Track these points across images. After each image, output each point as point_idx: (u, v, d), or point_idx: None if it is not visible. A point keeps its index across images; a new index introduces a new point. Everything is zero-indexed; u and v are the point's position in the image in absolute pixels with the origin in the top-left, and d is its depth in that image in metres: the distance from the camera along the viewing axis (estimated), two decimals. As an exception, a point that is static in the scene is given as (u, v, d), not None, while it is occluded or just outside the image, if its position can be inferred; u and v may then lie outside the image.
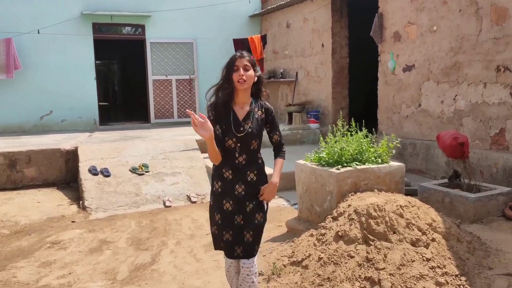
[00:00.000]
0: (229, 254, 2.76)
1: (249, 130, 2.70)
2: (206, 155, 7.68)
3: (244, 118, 2.73)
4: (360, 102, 10.12)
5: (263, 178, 2.82)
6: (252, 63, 2.71)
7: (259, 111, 2.77)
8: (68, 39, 9.99)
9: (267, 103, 2.83)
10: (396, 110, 7.23)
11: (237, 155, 2.72)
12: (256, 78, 2.75)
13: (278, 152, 2.87)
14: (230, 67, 2.69)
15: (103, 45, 11.74)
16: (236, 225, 2.72)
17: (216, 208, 2.78)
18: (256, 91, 2.80)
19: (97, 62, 10.72)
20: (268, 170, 2.86)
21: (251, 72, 2.69)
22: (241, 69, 2.66)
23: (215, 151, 2.62)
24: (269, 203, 2.90)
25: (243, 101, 2.75)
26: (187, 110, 2.66)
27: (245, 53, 2.73)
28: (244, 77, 2.65)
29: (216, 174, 2.80)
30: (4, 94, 9.71)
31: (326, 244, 3.44)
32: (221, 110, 2.71)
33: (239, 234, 2.72)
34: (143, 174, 6.55)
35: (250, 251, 2.71)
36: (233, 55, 2.74)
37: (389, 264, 3.21)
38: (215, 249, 2.86)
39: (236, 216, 2.73)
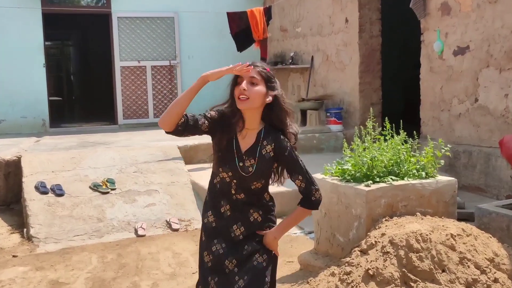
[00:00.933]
0: None
1: (250, 169, 2.65)
2: (191, 166, 7.78)
3: (247, 152, 2.67)
4: (397, 96, 10.14)
5: (271, 219, 2.79)
6: (266, 77, 2.65)
7: (268, 146, 2.67)
8: (8, 13, 10.04)
9: (281, 137, 2.68)
10: (445, 106, 7.23)
11: (233, 192, 2.70)
12: (270, 98, 2.65)
13: (304, 199, 2.72)
14: (234, 79, 2.65)
15: (56, 21, 11.80)
16: (225, 272, 2.68)
17: (206, 247, 2.76)
18: (268, 116, 2.70)
19: (47, 43, 10.79)
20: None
21: (259, 88, 2.61)
22: (245, 81, 2.59)
23: (182, 104, 2.58)
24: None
25: (247, 126, 2.69)
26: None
27: (258, 63, 2.67)
28: (246, 93, 2.57)
29: (211, 204, 2.78)
30: None
31: (352, 286, 3.44)
32: (225, 128, 2.67)
33: (226, 282, 2.65)
34: (107, 192, 6.55)
35: None
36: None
37: (436, 313, 3.20)
38: None
39: (227, 260, 2.67)
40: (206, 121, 2.66)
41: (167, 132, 2.64)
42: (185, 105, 2.60)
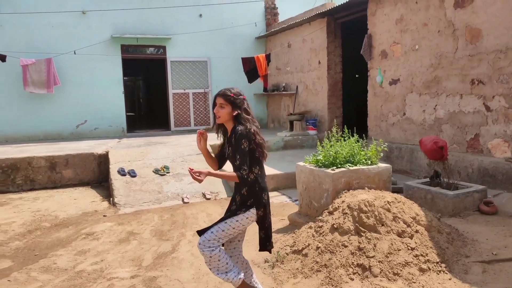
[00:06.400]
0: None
1: (229, 153, 2.64)
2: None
3: (228, 144, 2.68)
4: (352, 111, 10.08)
5: (253, 195, 2.65)
6: (230, 101, 2.60)
7: (233, 136, 2.60)
8: (100, 58, 10.09)
9: (240, 128, 2.55)
10: (384, 118, 7.21)
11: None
12: (236, 112, 2.60)
13: (236, 171, 2.51)
14: (213, 104, 2.70)
15: (130, 63, 11.82)
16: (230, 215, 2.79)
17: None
18: (238, 120, 2.63)
19: (124, 78, 10.80)
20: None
21: (226, 110, 2.61)
22: (216, 107, 2.65)
23: (208, 160, 2.78)
24: (273, 200, 2.89)
25: (228, 128, 2.70)
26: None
27: (228, 92, 2.62)
28: (217, 114, 2.64)
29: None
30: (45, 106, 9.83)
31: (323, 235, 3.44)
32: (223, 138, 2.79)
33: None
34: (164, 174, 6.57)
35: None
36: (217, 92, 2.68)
37: (378, 253, 3.20)
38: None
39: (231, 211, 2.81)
40: (221, 150, 2.79)
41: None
42: (211, 162, 2.78)
